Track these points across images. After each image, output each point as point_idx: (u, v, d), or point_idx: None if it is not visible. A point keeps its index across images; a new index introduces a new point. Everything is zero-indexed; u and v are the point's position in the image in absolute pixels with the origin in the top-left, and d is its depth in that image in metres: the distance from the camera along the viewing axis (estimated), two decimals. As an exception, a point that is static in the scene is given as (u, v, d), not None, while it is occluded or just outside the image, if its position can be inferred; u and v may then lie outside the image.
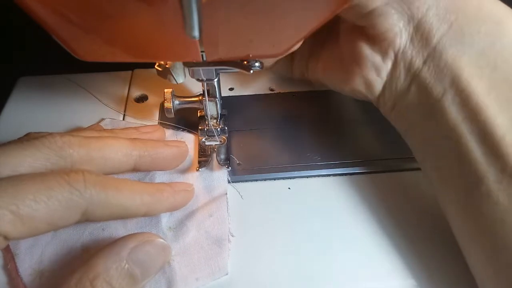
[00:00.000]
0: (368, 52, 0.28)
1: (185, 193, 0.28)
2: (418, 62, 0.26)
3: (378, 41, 0.27)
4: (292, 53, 0.29)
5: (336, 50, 0.32)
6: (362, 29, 0.28)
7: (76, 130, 0.31)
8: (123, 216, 0.25)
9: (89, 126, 0.34)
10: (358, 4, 0.25)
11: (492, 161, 0.23)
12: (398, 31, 0.26)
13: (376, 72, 0.28)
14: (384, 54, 0.27)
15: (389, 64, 0.27)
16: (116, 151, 0.27)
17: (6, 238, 0.21)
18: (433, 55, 0.25)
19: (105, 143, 0.27)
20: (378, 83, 0.28)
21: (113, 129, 0.33)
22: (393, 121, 0.30)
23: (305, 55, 0.35)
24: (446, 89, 0.25)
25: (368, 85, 0.29)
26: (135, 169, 0.29)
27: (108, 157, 0.27)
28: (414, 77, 0.27)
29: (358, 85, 0.29)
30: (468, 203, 0.24)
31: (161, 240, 0.25)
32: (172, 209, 0.28)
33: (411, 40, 0.26)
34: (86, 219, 0.23)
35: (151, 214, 0.27)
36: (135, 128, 0.32)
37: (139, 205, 0.25)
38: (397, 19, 0.26)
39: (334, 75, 0.32)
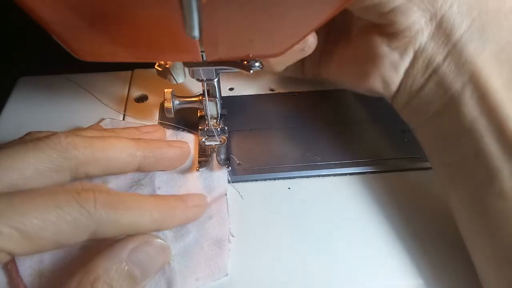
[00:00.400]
0: (386, 50, 0.28)
1: (197, 209, 0.28)
2: (438, 58, 0.26)
3: (397, 38, 0.27)
4: None
5: (350, 49, 0.32)
6: (379, 27, 0.28)
7: (76, 130, 0.31)
8: (132, 233, 0.24)
9: (89, 126, 0.34)
10: (379, 2, 0.25)
11: (508, 157, 0.23)
12: (420, 28, 0.26)
13: (394, 69, 0.28)
14: (403, 51, 0.27)
15: (407, 61, 0.27)
16: (121, 152, 0.27)
17: (9, 254, 0.21)
18: (453, 51, 0.25)
19: (109, 143, 0.27)
20: (395, 80, 0.28)
21: (114, 128, 0.32)
22: (405, 117, 0.30)
23: (316, 56, 0.34)
24: (465, 85, 0.25)
25: (386, 82, 0.29)
26: (138, 170, 0.29)
27: (113, 158, 0.26)
28: (432, 73, 0.26)
29: (375, 83, 0.29)
30: (479, 199, 0.25)
31: (160, 240, 0.25)
32: (183, 224, 0.28)
33: (433, 37, 0.26)
34: (94, 237, 0.23)
35: (161, 230, 0.26)
36: (136, 128, 0.32)
37: (149, 224, 0.25)
38: (419, 16, 0.25)
39: (349, 74, 0.32)
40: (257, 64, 0.28)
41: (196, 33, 0.19)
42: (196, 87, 0.38)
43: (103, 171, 0.26)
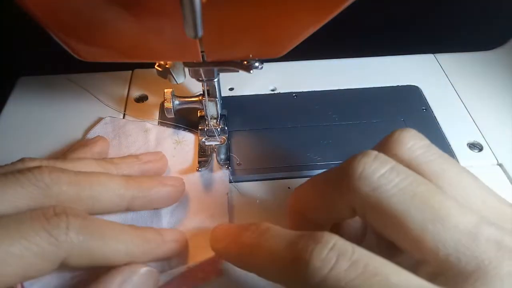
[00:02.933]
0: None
1: (175, 244, 0.26)
2: None
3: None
4: None
5: None
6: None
7: (65, 156, 0.29)
8: (104, 265, 0.23)
9: (84, 141, 0.31)
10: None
11: None
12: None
13: None
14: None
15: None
16: (108, 191, 0.25)
17: None
18: None
19: (97, 180, 0.25)
20: None
21: (112, 158, 0.29)
22: None
23: None
24: None
25: None
26: (127, 210, 0.27)
27: (99, 198, 0.24)
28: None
29: None
30: None
31: (146, 268, 0.23)
32: (158, 259, 0.26)
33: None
34: (63, 267, 0.21)
35: (134, 263, 0.24)
36: (136, 156, 0.30)
37: (123, 257, 0.23)
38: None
39: None
40: (257, 64, 0.28)
41: (196, 33, 0.19)
42: (196, 87, 0.38)
43: (87, 211, 0.24)
